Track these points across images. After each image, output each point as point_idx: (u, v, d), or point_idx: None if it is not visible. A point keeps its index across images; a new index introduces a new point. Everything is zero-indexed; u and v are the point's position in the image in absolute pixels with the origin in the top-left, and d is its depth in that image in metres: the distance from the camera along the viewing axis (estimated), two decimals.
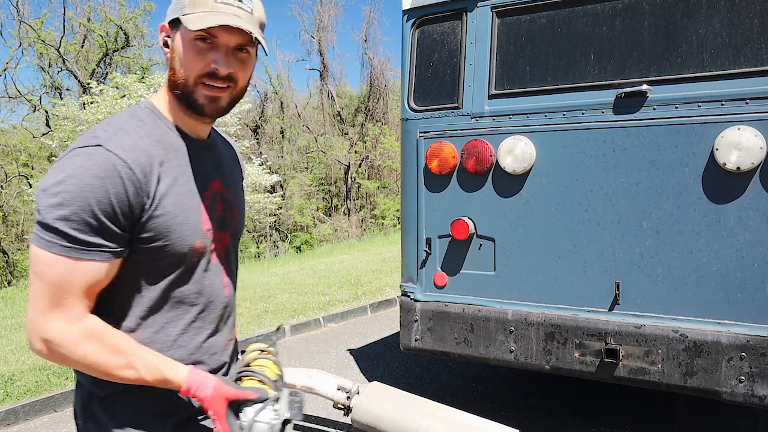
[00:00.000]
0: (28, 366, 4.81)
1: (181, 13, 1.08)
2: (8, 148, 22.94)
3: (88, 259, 1.02)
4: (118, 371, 1.05)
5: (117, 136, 1.06)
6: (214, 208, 1.20)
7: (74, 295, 1.02)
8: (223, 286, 1.25)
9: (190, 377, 1.09)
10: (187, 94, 1.11)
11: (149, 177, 1.06)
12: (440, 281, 3.18)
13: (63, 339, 1.02)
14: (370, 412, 2.29)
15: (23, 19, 21.51)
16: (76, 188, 0.98)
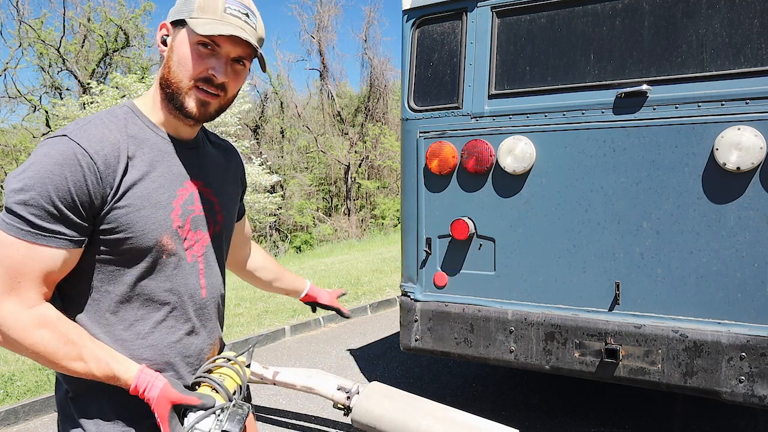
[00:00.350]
0: (28, 366, 4.81)
1: (188, 16, 1.11)
2: (8, 148, 22.95)
3: (44, 245, 1.03)
4: (66, 362, 1.05)
5: (84, 128, 1.08)
6: (190, 206, 1.19)
7: (29, 280, 1.03)
8: (200, 287, 1.23)
9: (139, 376, 1.08)
10: (178, 94, 1.13)
11: (113, 168, 1.07)
12: (440, 281, 3.18)
13: (14, 324, 1.02)
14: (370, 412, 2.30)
15: (23, 19, 21.52)
16: (37, 174, 1.01)
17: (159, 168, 1.15)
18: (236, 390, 1.21)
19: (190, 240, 1.20)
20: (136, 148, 1.12)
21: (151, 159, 1.14)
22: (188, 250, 1.20)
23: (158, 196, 1.13)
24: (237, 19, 1.11)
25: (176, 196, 1.17)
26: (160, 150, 1.16)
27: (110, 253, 1.10)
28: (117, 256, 1.11)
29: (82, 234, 1.06)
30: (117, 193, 1.07)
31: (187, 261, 1.20)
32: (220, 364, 1.23)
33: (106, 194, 1.06)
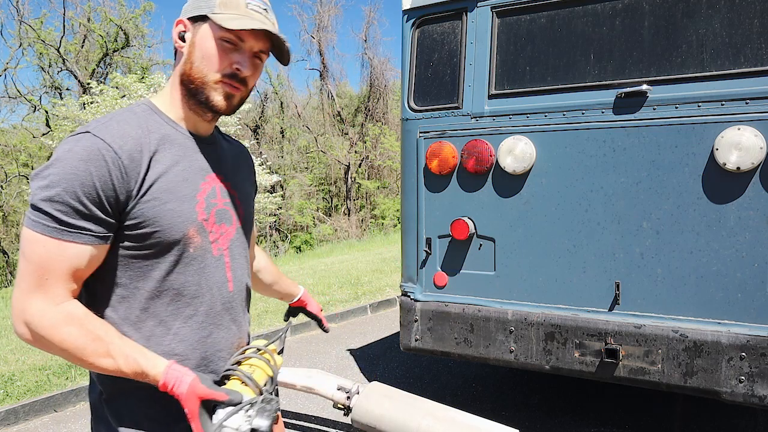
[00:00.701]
0: (28, 366, 4.81)
1: (210, 12, 1.12)
2: (8, 148, 22.95)
3: (71, 241, 1.03)
4: (95, 359, 1.04)
5: (106, 124, 1.08)
6: (213, 200, 1.20)
7: (56, 276, 1.03)
8: (227, 281, 1.24)
9: (168, 372, 1.07)
10: (203, 89, 1.15)
11: (137, 162, 1.08)
12: (440, 281, 3.18)
13: (43, 321, 1.02)
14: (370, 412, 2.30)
15: (23, 19, 21.52)
16: (62, 171, 1.01)
17: (182, 162, 1.16)
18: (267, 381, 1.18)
19: (215, 233, 1.20)
20: (158, 143, 1.13)
21: (174, 154, 1.15)
22: (213, 243, 1.20)
23: (183, 189, 1.14)
24: (258, 14, 1.13)
25: (200, 190, 1.17)
26: (181, 145, 1.17)
27: (138, 248, 1.10)
28: (144, 251, 1.11)
29: (108, 229, 1.07)
30: (142, 188, 1.08)
31: (213, 254, 1.20)
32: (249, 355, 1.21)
33: (131, 189, 1.07)
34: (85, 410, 4.26)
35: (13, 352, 5.28)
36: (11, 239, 23.24)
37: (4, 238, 22.89)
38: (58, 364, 4.82)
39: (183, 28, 1.17)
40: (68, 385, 4.43)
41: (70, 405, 4.31)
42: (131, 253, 1.11)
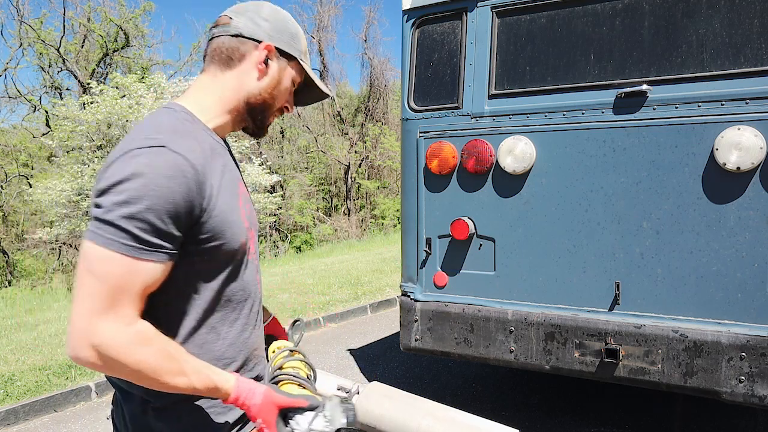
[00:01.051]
0: (28, 366, 4.81)
1: (299, 57, 1.26)
2: (8, 148, 22.95)
3: (148, 260, 0.99)
4: (169, 378, 1.01)
5: (176, 138, 1.05)
6: (246, 206, 1.24)
7: (129, 296, 0.99)
8: (257, 282, 1.28)
9: (239, 385, 1.08)
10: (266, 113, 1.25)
11: (206, 178, 1.08)
12: (440, 281, 3.18)
13: (116, 343, 0.97)
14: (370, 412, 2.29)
15: (23, 19, 21.51)
16: (144, 187, 0.97)
17: (226, 173, 1.17)
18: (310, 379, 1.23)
19: (251, 239, 1.24)
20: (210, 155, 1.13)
21: (219, 164, 1.16)
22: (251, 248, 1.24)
23: (232, 200, 1.16)
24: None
25: (239, 197, 1.20)
26: (221, 155, 1.19)
27: (203, 262, 1.10)
28: (210, 264, 1.11)
29: (178, 247, 1.05)
30: (210, 202, 1.08)
31: (250, 259, 1.23)
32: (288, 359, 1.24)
33: (203, 204, 1.06)
34: (85, 410, 4.26)
35: (13, 352, 5.28)
36: (11, 239, 23.23)
37: (4, 238, 22.88)
38: (58, 364, 4.82)
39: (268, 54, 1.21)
40: (68, 385, 4.43)
41: (70, 405, 4.31)
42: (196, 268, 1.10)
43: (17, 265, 22.64)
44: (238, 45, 1.18)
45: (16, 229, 23.58)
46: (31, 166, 23.89)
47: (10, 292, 14.60)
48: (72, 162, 14.28)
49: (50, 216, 15.04)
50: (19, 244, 22.85)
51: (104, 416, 4.06)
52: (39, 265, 22.07)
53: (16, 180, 22.78)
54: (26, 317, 7.25)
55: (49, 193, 13.53)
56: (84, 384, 4.44)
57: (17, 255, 22.67)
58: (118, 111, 12.92)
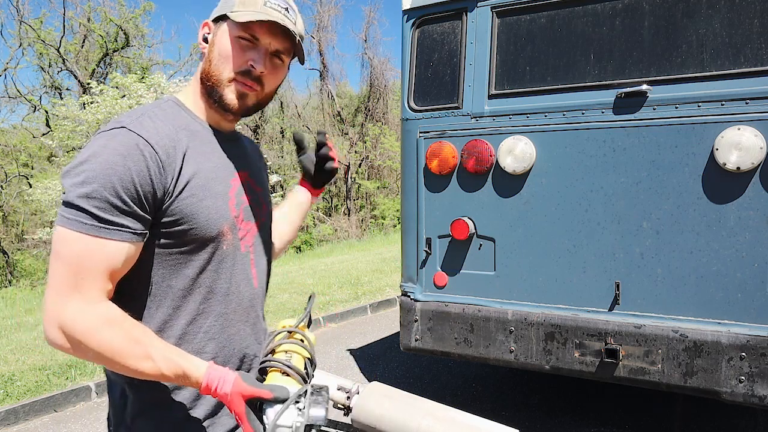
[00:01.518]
0: (28, 366, 4.81)
1: (229, 11, 1.13)
2: (8, 148, 22.94)
3: (108, 238, 0.99)
4: (134, 362, 0.99)
5: (140, 120, 1.07)
6: (241, 197, 1.21)
7: (93, 276, 0.99)
8: (252, 277, 1.24)
9: (210, 373, 1.03)
10: (218, 87, 1.14)
11: (173, 158, 1.07)
12: (440, 281, 3.18)
13: (79, 324, 0.97)
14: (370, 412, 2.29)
15: (23, 19, 21.51)
16: (99, 166, 0.98)
17: (212, 159, 1.16)
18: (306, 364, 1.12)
19: (243, 230, 1.20)
20: (189, 139, 1.13)
21: (203, 151, 1.15)
22: (242, 240, 1.21)
23: (216, 186, 1.14)
24: (277, 12, 1.12)
25: (230, 186, 1.18)
26: (209, 142, 1.18)
27: (173, 246, 1.09)
28: (180, 248, 1.09)
29: (145, 226, 1.04)
30: (178, 184, 1.07)
31: (241, 251, 1.20)
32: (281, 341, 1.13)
33: (167, 185, 1.05)
34: (85, 410, 4.26)
35: (13, 352, 5.28)
36: (11, 239, 23.24)
37: (4, 238, 22.89)
38: (58, 364, 4.82)
39: (207, 30, 1.18)
40: (68, 385, 4.43)
41: (70, 405, 4.31)
42: (166, 251, 1.09)
43: (17, 265, 22.64)
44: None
45: (16, 229, 23.58)
46: (31, 166, 23.89)
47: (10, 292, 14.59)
48: None
49: (50, 216, 15.04)
50: (19, 244, 22.85)
51: (104, 416, 4.06)
52: (39, 265, 22.06)
53: (16, 180, 22.78)
54: (26, 317, 7.25)
55: (49, 193, 13.54)
56: (84, 384, 4.45)
57: (17, 255, 22.67)
58: (118, 111, 12.92)
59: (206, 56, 1.16)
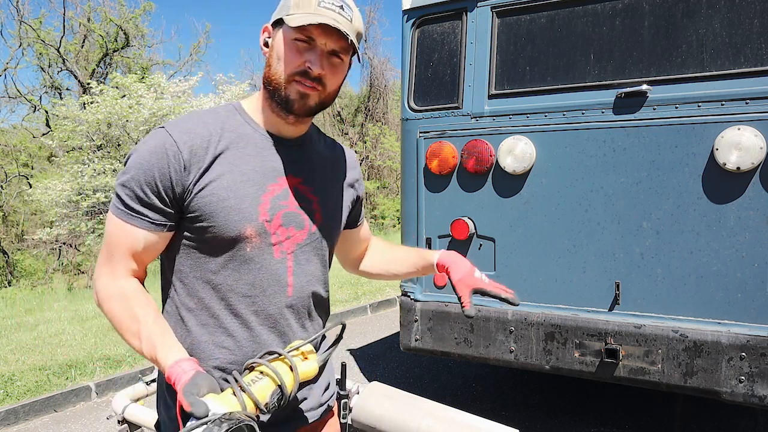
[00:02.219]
0: (28, 366, 4.81)
1: (285, 14, 1.14)
2: (8, 148, 22.94)
3: (131, 224, 1.12)
4: (127, 336, 1.10)
5: (181, 121, 1.17)
6: (282, 202, 1.19)
7: (119, 254, 1.13)
8: (286, 285, 1.21)
9: (173, 367, 1.03)
10: (279, 90, 1.16)
11: (200, 158, 1.13)
12: (440, 281, 3.18)
13: (102, 291, 1.13)
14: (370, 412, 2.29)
15: (23, 19, 21.51)
16: (135, 161, 1.12)
17: (251, 162, 1.18)
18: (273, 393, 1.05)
19: (278, 236, 1.19)
20: (229, 142, 1.17)
21: (244, 153, 1.17)
22: (276, 245, 1.19)
23: (245, 188, 1.16)
24: (331, 11, 1.12)
25: (266, 191, 1.18)
26: (256, 145, 1.20)
27: (195, 240, 1.16)
28: (201, 244, 1.16)
29: (167, 218, 1.14)
30: (199, 183, 1.13)
31: (274, 257, 1.19)
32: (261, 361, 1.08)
33: (188, 183, 1.12)
34: (85, 410, 4.26)
35: (13, 352, 5.28)
36: (11, 239, 23.23)
37: (4, 238, 22.88)
38: (58, 364, 4.82)
39: (267, 35, 1.21)
40: (68, 385, 4.43)
41: (70, 405, 4.31)
42: (191, 244, 1.17)
43: (17, 265, 22.64)
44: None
45: (16, 229, 23.58)
46: (31, 166, 23.89)
47: (10, 292, 14.60)
48: (72, 162, 14.28)
49: (50, 216, 15.04)
50: (19, 244, 22.85)
51: (104, 416, 4.06)
52: (39, 265, 22.06)
53: (16, 180, 22.78)
54: (26, 317, 7.25)
55: (49, 193, 13.53)
56: (84, 384, 4.45)
57: (17, 255, 22.67)
58: (119, 111, 12.92)
59: (267, 60, 1.19)
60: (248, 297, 1.18)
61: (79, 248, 18.32)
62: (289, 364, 1.08)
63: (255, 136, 1.20)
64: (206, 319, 1.18)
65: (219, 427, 0.92)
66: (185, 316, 1.19)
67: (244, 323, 1.18)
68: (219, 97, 14.97)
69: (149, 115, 12.96)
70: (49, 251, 20.81)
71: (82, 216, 13.73)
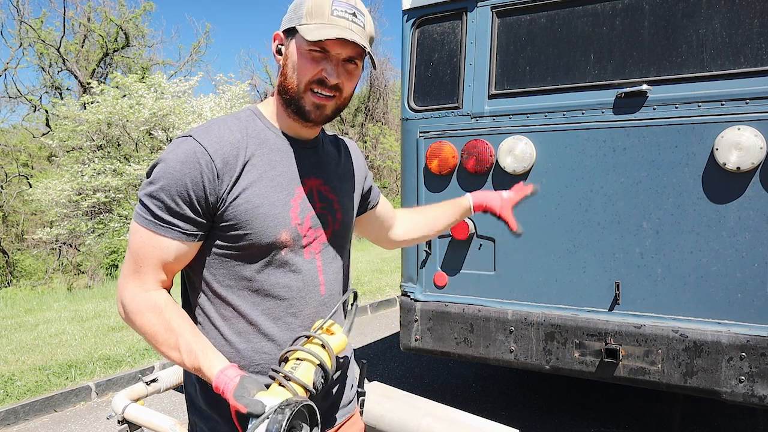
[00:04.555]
0: (28, 366, 4.81)
1: (298, 23, 1.14)
2: (8, 148, 22.95)
3: (162, 235, 1.11)
4: (165, 348, 1.10)
5: (206, 128, 1.15)
6: (309, 204, 1.22)
7: (148, 266, 1.12)
8: (318, 284, 1.24)
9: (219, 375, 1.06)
10: (296, 100, 1.17)
11: (232, 166, 1.12)
12: (440, 281, 3.18)
13: (132, 304, 1.12)
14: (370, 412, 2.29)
15: (23, 19, 21.51)
16: (163, 170, 1.10)
17: (278, 167, 1.19)
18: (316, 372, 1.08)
19: (308, 237, 1.22)
20: (255, 148, 1.17)
21: (270, 159, 1.18)
22: (306, 247, 1.22)
23: (276, 194, 1.17)
24: (344, 20, 1.13)
25: (294, 195, 1.20)
26: (279, 150, 1.20)
27: (230, 249, 1.15)
28: (237, 252, 1.15)
29: (199, 228, 1.13)
30: (233, 191, 1.12)
31: (305, 258, 1.22)
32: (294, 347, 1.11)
33: (221, 192, 1.11)
34: (85, 410, 4.26)
35: (13, 352, 5.28)
36: (11, 239, 23.24)
37: (5, 238, 22.89)
38: (58, 364, 4.82)
39: (279, 42, 1.20)
40: (68, 385, 4.43)
41: (70, 405, 4.31)
42: (225, 252, 1.16)
43: (17, 265, 22.64)
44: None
45: (16, 229, 23.58)
46: (31, 166, 23.90)
47: (10, 292, 14.61)
48: (72, 162, 14.29)
49: (50, 216, 15.05)
50: (19, 244, 22.86)
51: (104, 416, 4.06)
52: (39, 265, 22.07)
53: (16, 180, 22.79)
54: (26, 317, 7.25)
55: (49, 193, 13.54)
56: (84, 384, 4.45)
57: (17, 255, 22.68)
58: (119, 111, 12.93)
59: (281, 69, 1.19)
60: (285, 300, 1.20)
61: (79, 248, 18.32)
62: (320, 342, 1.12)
63: (278, 141, 1.21)
64: (243, 327, 1.18)
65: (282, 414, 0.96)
66: (220, 325, 1.18)
67: (283, 326, 1.20)
68: (219, 97, 14.97)
69: (149, 115, 12.97)
70: (49, 251, 20.81)
71: (82, 216, 13.73)
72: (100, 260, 16.85)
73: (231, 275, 1.16)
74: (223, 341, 1.18)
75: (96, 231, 13.78)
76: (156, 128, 13.51)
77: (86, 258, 18.31)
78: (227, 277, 1.17)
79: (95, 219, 13.75)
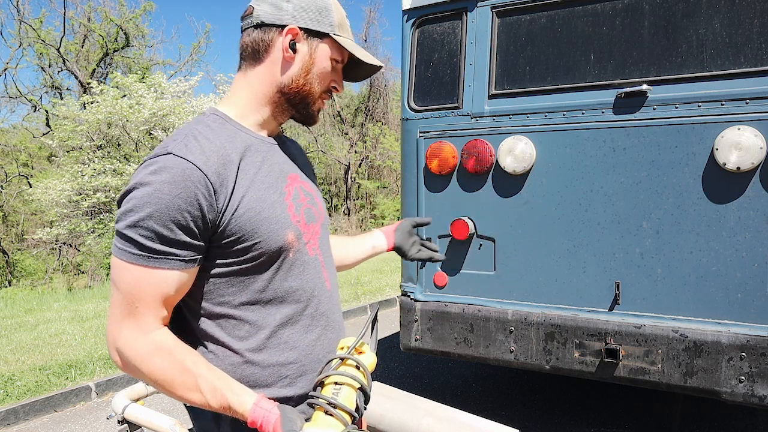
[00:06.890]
0: (28, 366, 4.81)
1: (331, 32, 1.15)
2: (8, 148, 22.95)
3: (157, 267, 0.99)
4: (183, 392, 1.00)
5: (184, 142, 1.03)
6: (298, 200, 1.19)
7: (145, 305, 1.00)
8: (324, 280, 1.22)
9: (255, 410, 1.00)
10: (308, 103, 1.18)
11: (224, 178, 1.03)
12: (440, 281, 3.18)
13: (132, 350, 1.00)
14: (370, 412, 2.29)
15: (23, 19, 21.51)
16: (146, 195, 0.97)
17: (263, 168, 1.13)
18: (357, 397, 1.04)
19: (307, 234, 1.19)
20: (240, 151, 1.09)
21: (254, 161, 1.12)
22: (308, 244, 1.18)
23: (271, 195, 1.11)
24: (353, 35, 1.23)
25: (285, 192, 1.16)
26: (258, 150, 1.14)
27: (240, 263, 1.07)
28: (247, 264, 1.07)
29: (197, 252, 1.03)
30: (231, 203, 1.04)
31: (309, 255, 1.18)
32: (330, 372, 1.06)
33: (220, 207, 1.02)
34: (85, 410, 4.26)
35: (13, 352, 5.28)
36: (11, 239, 23.24)
37: (5, 238, 22.89)
38: (58, 364, 4.82)
39: (294, 38, 1.13)
40: (68, 385, 4.43)
41: (70, 405, 4.31)
42: (231, 270, 1.07)
43: (17, 265, 22.64)
44: (262, 35, 1.13)
45: (16, 229, 23.58)
46: (31, 166, 23.90)
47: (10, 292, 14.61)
48: (72, 162, 14.29)
49: (50, 216, 15.04)
50: (19, 244, 22.85)
51: (104, 416, 4.06)
52: (39, 265, 22.06)
53: (16, 180, 22.79)
54: (26, 317, 7.25)
55: (49, 192, 13.54)
56: (84, 384, 4.45)
57: (17, 255, 22.67)
58: (119, 111, 12.93)
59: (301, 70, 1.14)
60: (300, 302, 1.15)
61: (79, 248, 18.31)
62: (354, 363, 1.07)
63: (254, 142, 1.15)
64: (264, 342, 1.11)
65: None
66: (238, 347, 1.09)
67: (303, 329, 1.15)
68: (219, 97, 14.97)
69: (149, 115, 12.97)
70: (49, 251, 20.80)
71: (82, 216, 13.73)
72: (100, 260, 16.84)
73: (241, 291, 1.09)
74: (244, 364, 1.10)
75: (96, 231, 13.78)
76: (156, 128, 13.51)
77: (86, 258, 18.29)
78: (237, 294, 1.08)
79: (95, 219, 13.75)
